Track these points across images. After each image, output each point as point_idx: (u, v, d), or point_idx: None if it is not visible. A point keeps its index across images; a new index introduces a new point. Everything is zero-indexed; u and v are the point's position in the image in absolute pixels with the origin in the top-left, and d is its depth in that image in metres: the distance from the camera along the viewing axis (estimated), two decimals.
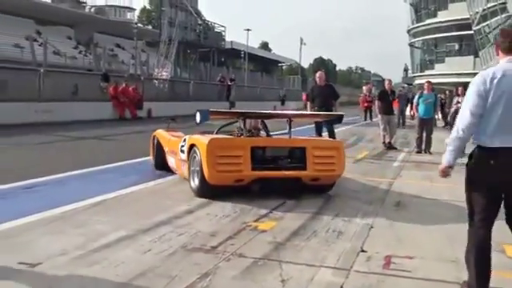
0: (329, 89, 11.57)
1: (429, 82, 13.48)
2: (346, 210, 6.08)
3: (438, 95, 16.57)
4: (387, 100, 13.72)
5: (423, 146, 12.78)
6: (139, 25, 57.64)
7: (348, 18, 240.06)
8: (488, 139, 3.40)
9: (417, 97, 13.26)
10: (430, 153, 12.49)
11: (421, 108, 12.83)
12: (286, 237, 4.88)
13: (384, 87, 14.58)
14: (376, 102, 14.67)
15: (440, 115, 22.04)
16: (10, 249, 4.31)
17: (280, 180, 6.68)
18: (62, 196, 6.37)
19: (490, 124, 3.38)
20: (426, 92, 12.95)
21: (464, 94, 12.16)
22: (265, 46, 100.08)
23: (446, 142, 3.62)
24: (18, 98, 18.13)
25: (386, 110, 13.74)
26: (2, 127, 15.05)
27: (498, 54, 3.56)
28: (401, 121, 22.62)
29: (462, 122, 3.44)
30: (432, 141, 12.75)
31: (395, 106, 16.68)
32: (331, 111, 10.79)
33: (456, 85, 24.52)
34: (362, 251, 4.50)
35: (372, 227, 5.35)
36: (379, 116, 14.10)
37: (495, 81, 3.34)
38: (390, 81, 14.91)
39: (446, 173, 3.72)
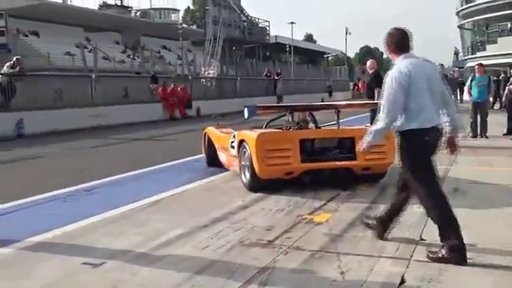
0: (374, 77, 11.41)
1: (480, 65, 13.11)
2: None
3: (493, 77, 16.02)
4: None
5: (478, 131, 12.42)
6: (184, 25, 58.31)
7: (393, 4, 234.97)
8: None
9: (469, 80, 12.93)
10: (487, 137, 12.13)
11: (474, 91, 12.48)
12: (342, 228, 4.86)
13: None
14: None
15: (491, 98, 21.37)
16: (73, 250, 4.46)
17: (330, 171, 6.66)
18: (120, 197, 6.55)
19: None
20: (477, 75, 12.59)
21: None
22: (309, 38, 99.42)
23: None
24: (73, 104, 18.70)
25: None
26: (59, 133, 15.58)
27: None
28: None
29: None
30: (487, 124, 12.38)
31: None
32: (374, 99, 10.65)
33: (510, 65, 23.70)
34: (421, 240, 4.43)
35: None
36: None
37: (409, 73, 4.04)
38: (441, 65, 14.71)
39: None
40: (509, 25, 49.82)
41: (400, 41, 4.18)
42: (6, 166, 9.79)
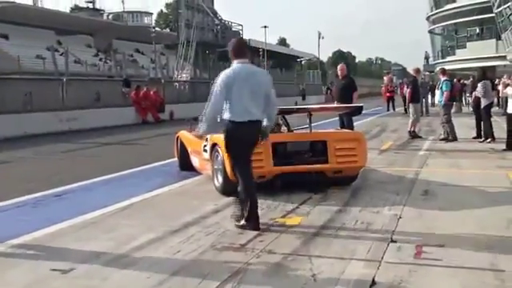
0: (347, 82, 11.49)
1: (441, 69, 13.66)
2: (373, 202, 6.04)
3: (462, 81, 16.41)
4: (417, 88, 13.85)
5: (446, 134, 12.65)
6: (157, 29, 58.00)
7: (366, 9, 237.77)
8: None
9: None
10: (454, 139, 12.33)
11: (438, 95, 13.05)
12: (314, 231, 4.87)
13: (414, 76, 14.75)
14: (408, 91, 14.53)
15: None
16: (43, 256, 4.38)
17: (303, 174, 6.68)
18: (90, 202, 6.45)
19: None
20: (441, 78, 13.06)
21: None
22: (283, 41, 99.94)
23: None
24: (43, 108, 18.43)
25: (418, 98, 14.02)
26: (29, 137, 15.31)
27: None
28: (424, 109, 22.35)
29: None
30: (453, 127, 12.62)
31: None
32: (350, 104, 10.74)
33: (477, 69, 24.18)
34: (392, 241, 4.47)
35: (401, 217, 5.31)
36: (411, 105, 13.88)
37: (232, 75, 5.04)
38: (417, 69, 15.37)
39: None
40: (477, 30, 50.86)
41: (237, 48, 5.19)
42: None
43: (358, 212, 5.58)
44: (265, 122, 5.26)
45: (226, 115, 5.01)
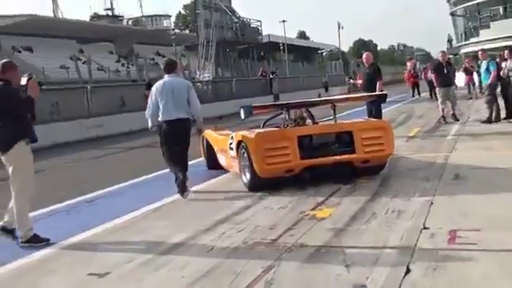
0: (374, 69, 11.38)
1: (482, 50, 13.23)
2: (403, 189, 5.98)
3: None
4: (442, 72, 13.36)
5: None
6: (176, 30, 58.34)
7: None
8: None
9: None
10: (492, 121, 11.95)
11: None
12: (345, 222, 4.85)
13: (438, 59, 14.28)
14: (433, 76, 14.26)
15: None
16: (78, 261, 4.47)
17: (330, 166, 6.65)
18: (121, 206, 6.53)
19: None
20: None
21: (510, 57, 11.62)
22: (302, 35, 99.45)
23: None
24: (70, 116, 18.71)
25: (444, 82, 13.35)
26: (58, 146, 15.58)
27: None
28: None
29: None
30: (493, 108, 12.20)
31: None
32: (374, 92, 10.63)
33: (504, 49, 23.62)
34: (425, 228, 4.42)
35: (432, 203, 5.24)
36: (437, 89, 13.66)
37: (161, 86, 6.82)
38: (443, 52, 14.61)
39: None
40: (500, 9, 49.77)
41: (166, 67, 7.08)
42: (6, 182, 9.76)
43: (388, 200, 5.53)
44: (196, 121, 7.00)
45: (159, 115, 6.73)
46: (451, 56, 44.78)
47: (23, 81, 5.10)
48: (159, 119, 6.77)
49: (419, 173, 6.92)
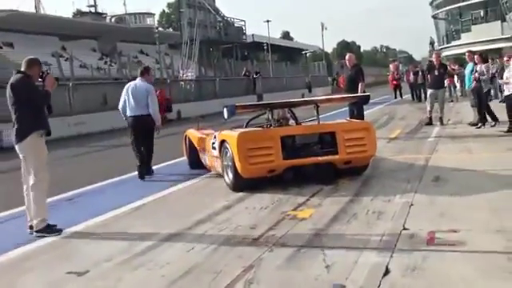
0: (356, 70, 11.44)
1: (468, 52, 13.31)
2: (384, 191, 6.02)
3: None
4: (434, 74, 13.21)
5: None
6: (160, 29, 58.02)
7: None
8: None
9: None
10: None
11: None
12: (326, 222, 4.87)
13: (432, 60, 14.15)
14: (424, 76, 14.24)
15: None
16: (57, 259, 4.44)
17: (313, 166, 6.67)
18: (102, 204, 6.50)
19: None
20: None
21: (480, 62, 11.73)
22: (286, 35, 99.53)
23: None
24: (52, 113, 18.49)
25: (434, 85, 13.20)
26: None
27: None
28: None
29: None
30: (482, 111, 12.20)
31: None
32: (357, 93, 10.71)
33: (485, 53, 23.92)
34: (404, 229, 4.45)
35: (412, 205, 5.29)
36: (428, 91, 13.66)
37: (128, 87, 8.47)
38: (437, 54, 14.50)
39: None
40: (481, 12, 50.37)
41: (140, 71, 8.69)
42: (8, 174, 9.64)
43: (369, 201, 5.57)
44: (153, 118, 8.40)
45: (127, 111, 8.39)
46: (432, 58, 45.21)
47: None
48: (127, 114, 8.41)
49: (400, 174, 6.98)
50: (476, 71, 11.91)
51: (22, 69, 5.40)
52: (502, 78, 11.63)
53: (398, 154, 8.77)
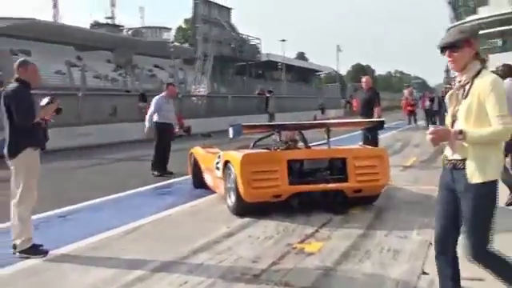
0: (372, 94, 11.04)
1: None
2: (399, 225, 5.56)
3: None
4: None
5: None
6: (176, 43, 58.10)
7: (384, 21, 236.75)
8: None
9: None
10: None
11: None
12: (335, 260, 4.41)
13: (447, 87, 13.96)
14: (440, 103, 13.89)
15: None
16: (39, 286, 4.01)
17: (321, 194, 6.24)
18: (96, 224, 6.07)
19: None
20: None
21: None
22: (301, 55, 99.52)
23: None
24: (59, 123, 18.21)
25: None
26: (44, 154, 15.04)
27: None
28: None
29: None
30: None
31: None
32: (371, 117, 10.31)
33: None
34: (424, 273, 3.99)
35: (431, 244, 4.79)
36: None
37: None
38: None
39: None
40: (499, 42, 49.96)
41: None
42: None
43: (383, 237, 5.11)
44: None
45: None
46: (448, 86, 44.73)
47: (44, 101, 5.09)
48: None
49: (416, 207, 6.51)
50: None
51: (16, 75, 4.96)
52: None
53: (413, 183, 8.30)
